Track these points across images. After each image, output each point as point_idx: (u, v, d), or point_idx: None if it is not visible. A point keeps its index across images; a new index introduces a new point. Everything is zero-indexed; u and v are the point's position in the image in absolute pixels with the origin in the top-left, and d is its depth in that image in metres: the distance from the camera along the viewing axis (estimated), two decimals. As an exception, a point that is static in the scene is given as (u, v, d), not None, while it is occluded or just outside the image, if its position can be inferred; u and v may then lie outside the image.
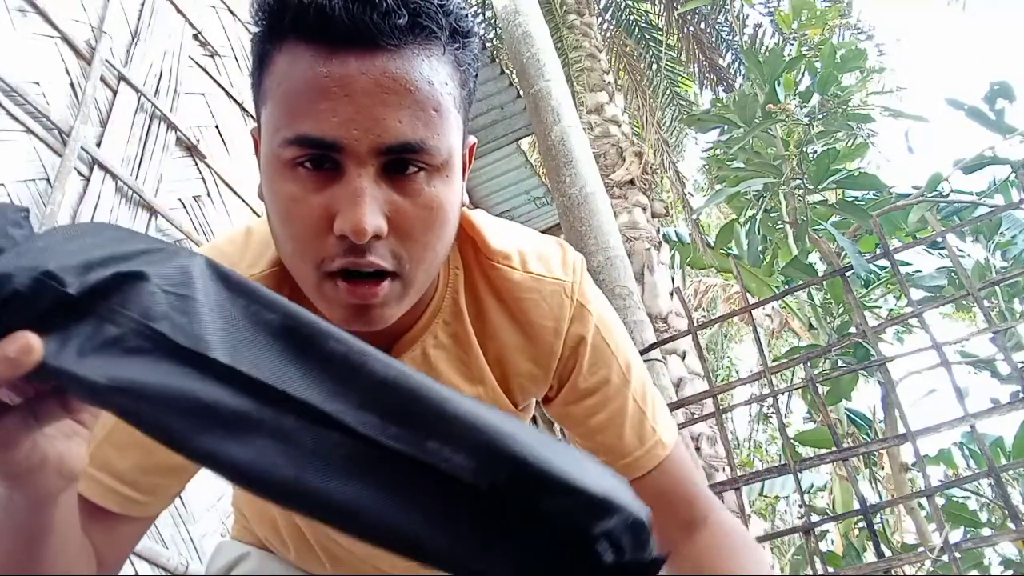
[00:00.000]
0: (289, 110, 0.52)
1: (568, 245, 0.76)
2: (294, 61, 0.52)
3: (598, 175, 3.43)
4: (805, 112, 3.86)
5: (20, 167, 1.91)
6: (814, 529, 2.07)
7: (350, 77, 0.50)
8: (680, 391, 4.27)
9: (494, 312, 0.70)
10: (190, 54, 2.70)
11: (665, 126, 7.75)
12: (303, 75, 0.51)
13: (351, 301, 0.54)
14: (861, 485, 2.96)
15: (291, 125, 0.52)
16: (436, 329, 0.69)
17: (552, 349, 0.70)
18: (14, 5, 2.02)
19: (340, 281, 0.54)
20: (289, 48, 0.53)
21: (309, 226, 0.53)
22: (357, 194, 0.51)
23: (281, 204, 0.54)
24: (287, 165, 0.53)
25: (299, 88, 0.51)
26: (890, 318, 2.55)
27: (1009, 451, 2.88)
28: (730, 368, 10.64)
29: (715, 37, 7.66)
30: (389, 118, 0.51)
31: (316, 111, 0.51)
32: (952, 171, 3.15)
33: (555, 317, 0.70)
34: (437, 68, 0.54)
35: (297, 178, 0.53)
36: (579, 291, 0.71)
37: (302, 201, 0.53)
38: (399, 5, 0.51)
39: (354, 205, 0.51)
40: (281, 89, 0.53)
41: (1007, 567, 3.23)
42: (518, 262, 0.69)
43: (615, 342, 0.74)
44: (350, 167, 0.52)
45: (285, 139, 0.52)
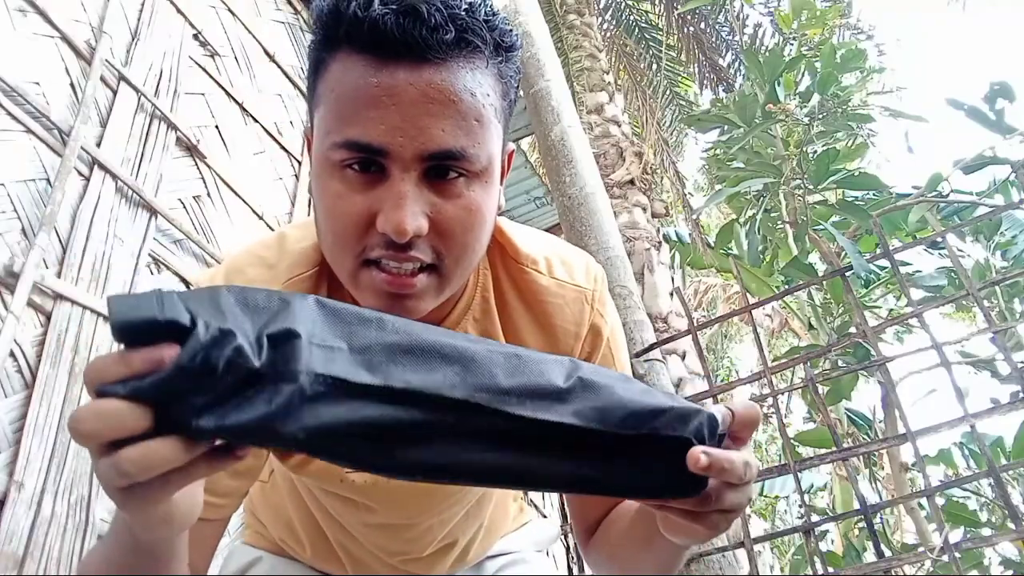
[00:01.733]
0: (340, 116, 0.56)
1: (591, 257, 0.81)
2: (346, 70, 0.56)
3: (598, 175, 3.43)
4: (805, 112, 3.86)
5: (20, 167, 1.90)
6: (814, 529, 2.07)
7: (398, 87, 0.54)
8: (680, 391, 4.26)
9: (518, 313, 0.74)
10: (190, 54, 2.70)
11: (665, 126, 7.75)
12: (354, 83, 0.55)
13: (388, 289, 0.58)
14: (861, 485, 2.96)
15: (341, 130, 0.56)
16: (466, 324, 0.73)
17: (570, 351, 0.75)
18: (14, 5, 2.02)
19: (377, 271, 0.58)
20: (342, 57, 0.56)
21: (353, 221, 0.57)
22: (400, 196, 0.55)
23: (328, 200, 0.58)
24: (336, 166, 0.57)
25: (350, 95, 0.55)
26: (890, 318, 2.55)
27: (1009, 451, 2.88)
28: (730, 368, 10.64)
29: (715, 37, 7.66)
30: (433, 127, 0.55)
31: (365, 118, 0.54)
32: (952, 171, 3.15)
33: (575, 322, 0.74)
34: (480, 80, 0.57)
35: (344, 178, 0.57)
36: (599, 300, 0.76)
37: (347, 199, 0.57)
38: (446, 21, 0.54)
39: (397, 207, 0.54)
40: (334, 95, 0.57)
41: (1007, 567, 3.22)
42: (544, 267, 0.74)
43: (619, 353, 0.79)
44: (394, 171, 0.55)
45: (335, 142, 0.56)
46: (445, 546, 0.90)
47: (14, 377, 1.74)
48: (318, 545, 0.89)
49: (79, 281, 1.95)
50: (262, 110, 3.06)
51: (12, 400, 1.72)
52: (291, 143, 3.21)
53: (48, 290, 1.85)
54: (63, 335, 1.86)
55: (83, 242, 2.00)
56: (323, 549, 0.89)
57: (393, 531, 0.84)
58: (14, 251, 1.80)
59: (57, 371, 1.82)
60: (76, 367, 1.87)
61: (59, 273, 1.90)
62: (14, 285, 1.74)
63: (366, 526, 0.83)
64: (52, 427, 1.76)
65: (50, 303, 1.86)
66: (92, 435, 0.38)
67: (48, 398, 1.77)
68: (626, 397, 0.47)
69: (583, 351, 0.75)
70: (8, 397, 1.71)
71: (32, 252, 1.81)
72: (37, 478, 1.68)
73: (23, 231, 1.86)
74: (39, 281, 1.81)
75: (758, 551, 2.12)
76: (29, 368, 1.77)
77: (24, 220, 1.87)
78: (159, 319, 0.38)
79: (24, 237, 1.85)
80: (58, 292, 1.87)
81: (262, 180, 2.96)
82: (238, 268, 0.71)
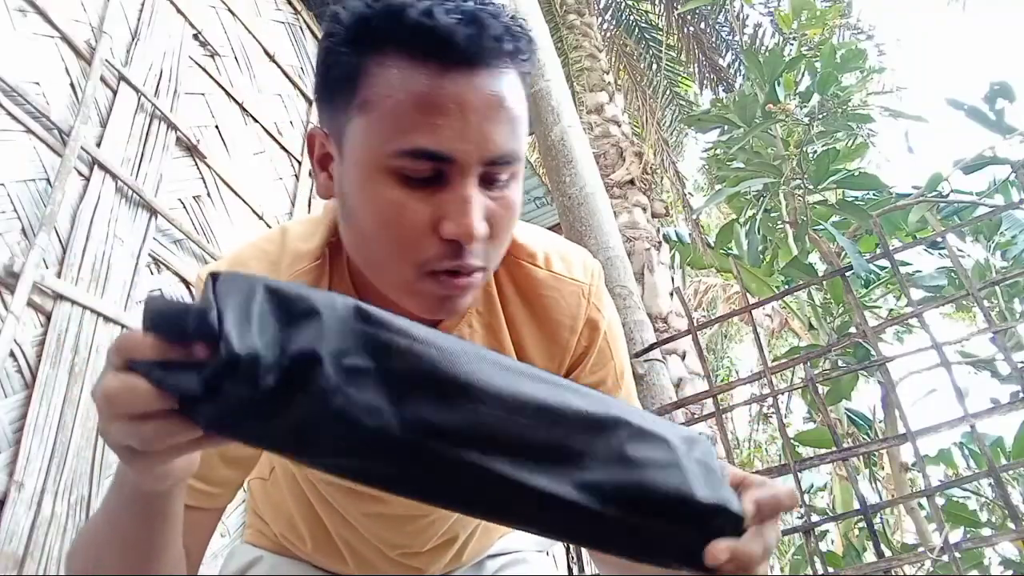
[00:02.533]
0: (402, 123, 0.55)
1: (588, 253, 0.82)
2: (406, 77, 0.55)
3: (598, 175, 3.43)
4: (805, 112, 3.86)
5: (20, 167, 1.90)
6: (814, 529, 2.07)
7: (462, 95, 0.55)
8: (680, 391, 4.26)
9: (515, 306, 0.75)
10: (190, 54, 2.70)
11: (665, 126, 7.75)
12: (419, 91, 0.55)
13: (445, 293, 0.60)
14: (861, 485, 2.96)
15: (407, 138, 0.55)
16: (471, 318, 0.74)
17: (566, 345, 0.76)
18: (14, 5, 2.02)
19: (446, 276, 0.59)
20: (394, 63, 0.56)
21: (414, 229, 0.57)
22: (466, 201, 0.56)
23: (383, 209, 0.58)
24: (392, 173, 0.57)
25: (415, 103, 0.55)
26: (890, 318, 2.55)
27: (1009, 451, 2.88)
28: (730, 368, 10.64)
29: (715, 37, 7.66)
30: (494, 133, 0.56)
31: (433, 125, 0.55)
32: (952, 171, 3.15)
33: (572, 315, 0.75)
34: (518, 84, 0.60)
35: (403, 185, 0.57)
36: (595, 295, 0.77)
37: (407, 206, 0.57)
38: (505, 30, 0.57)
39: (464, 213, 0.56)
40: (391, 101, 0.56)
41: (1007, 567, 3.22)
42: (542, 261, 0.75)
43: (617, 348, 0.80)
44: (456, 177, 0.56)
45: (400, 150, 0.55)
46: (445, 541, 0.90)
47: (14, 377, 1.74)
48: (319, 539, 0.89)
49: (79, 281, 1.95)
50: (262, 110, 3.06)
51: (12, 400, 1.72)
52: (291, 143, 3.21)
53: (48, 290, 1.85)
54: (63, 335, 1.86)
55: (83, 242, 2.00)
56: (324, 543, 0.89)
57: (396, 523, 0.84)
58: (14, 251, 1.80)
59: (57, 371, 1.82)
60: (76, 367, 1.87)
61: (59, 273, 1.90)
62: (14, 285, 1.74)
63: (368, 518, 0.84)
64: (52, 427, 1.76)
65: (50, 303, 1.86)
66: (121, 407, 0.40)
67: (48, 398, 1.77)
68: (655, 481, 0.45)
69: (579, 345, 0.76)
70: (8, 397, 1.71)
71: (32, 252, 1.81)
72: (37, 478, 1.68)
73: (23, 231, 1.86)
74: (39, 281, 1.81)
75: (758, 551, 2.12)
76: (29, 368, 1.77)
77: (24, 220, 1.87)
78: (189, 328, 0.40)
79: (24, 237, 1.85)
80: (58, 292, 1.87)
81: (262, 180, 2.96)
82: (241, 262, 0.71)
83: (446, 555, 0.93)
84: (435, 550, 0.90)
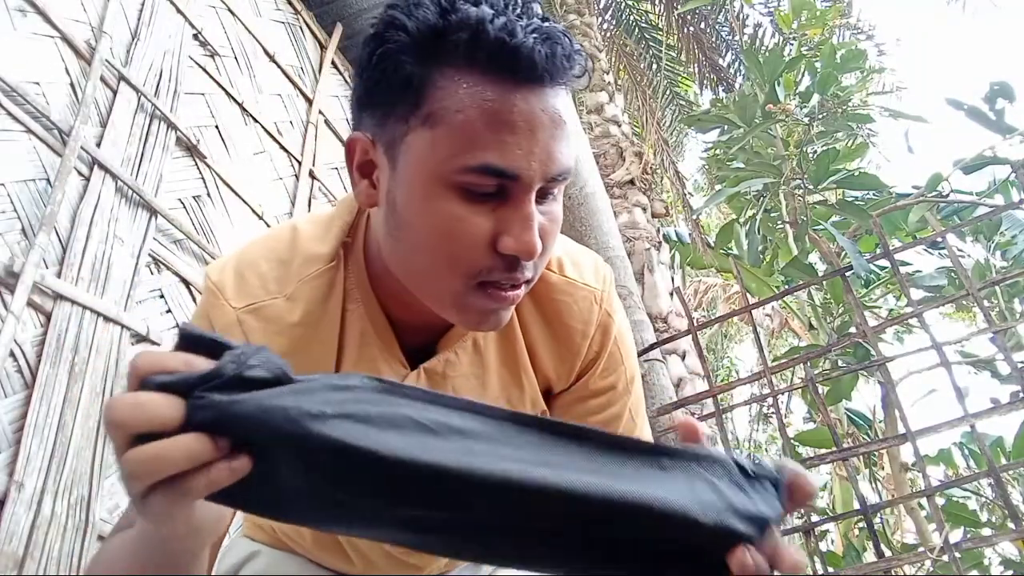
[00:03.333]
0: (472, 138, 0.55)
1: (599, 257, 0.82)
2: (478, 92, 0.55)
3: (598, 175, 3.43)
4: (805, 112, 3.86)
5: (20, 167, 1.90)
6: (814, 529, 2.07)
7: (532, 113, 0.55)
8: (680, 391, 4.26)
9: (528, 310, 0.75)
10: (190, 54, 2.69)
11: (665, 126, 7.74)
12: (491, 108, 0.55)
13: (493, 307, 0.60)
14: (861, 485, 2.96)
15: (475, 154, 0.55)
16: None
17: (578, 350, 0.76)
18: (14, 5, 2.02)
19: (494, 289, 0.59)
20: (466, 76, 0.55)
21: (473, 243, 0.57)
22: (528, 218, 0.56)
23: (443, 222, 0.57)
24: (457, 187, 0.56)
25: (484, 119, 0.55)
26: (890, 318, 2.55)
27: (1009, 451, 2.88)
28: (730, 368, 10.64)
29: (715, 37, 7.66)
30: (557, 151, 0.57)
31: (502, 143, 0.55)
32: (952, 171, 3.15)
33: (584, 321, 0.75)
34: (569, 100, 0.61)
35: (466, 199, 0.57)
36: (607, 300, 0.77)
37: (468, 220, 0.57)
38: (576, 50, 0.57)
39: (526, 229, 0.56)
40: (461, 116, 0.55)
41: (1007, 567, 3.22)
42: (555, 266, 0.75)
43: (627, 353, 0.80)
44: (518, 193, 0.56)
45: (468, 166, 0.55)
46: None
47: (14, 377, 1.74)
48: (318, 534, 0.89)
49: (79, 281, 1.95)
50: (262, 110, 3.06)
51: (12, 400, 1.72)
52: (291, 143, 3.21)
53: (48, 290, 1.85)
54: (63, 335, 1.86)
55: (83, 242, 2.00)
56: (323, 537, 0.89)
57: None
58: (14, 251, 1.80)
59: (57, 371, 1.82)
60: (76, 367, 1.87)
61: (59, 273, 1.90)
62: (14, 285, 1.74)
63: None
64: (52, 427, 1.76)
65: (50, 303, 1.86)
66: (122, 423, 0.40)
67: (48, 398, 1.77)
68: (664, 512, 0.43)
69: (591, 350, 0.76)
70: (8, 397, 1.71)
71: (32, 252, 1.81)
72: (37, 478, 1.68)
73: (23, 231, 1.86)
74: (39, 281, 1.81)
75: (758, 551, 2.12)
76: (29, 368, 1.77)
77: (24, 220, 1.87)
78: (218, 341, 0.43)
79: (24, 237, 1.85)
80: (58, 292, 1.87)
81: (262, 180, 2.96)
82: (251, 261, 0.70)
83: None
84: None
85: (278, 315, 0.67)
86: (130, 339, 2.07)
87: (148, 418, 0.40)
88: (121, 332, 2.04)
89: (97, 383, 1.91)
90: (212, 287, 0.69)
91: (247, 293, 0.68)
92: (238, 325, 0.67)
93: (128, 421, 0.40)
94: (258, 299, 0.68)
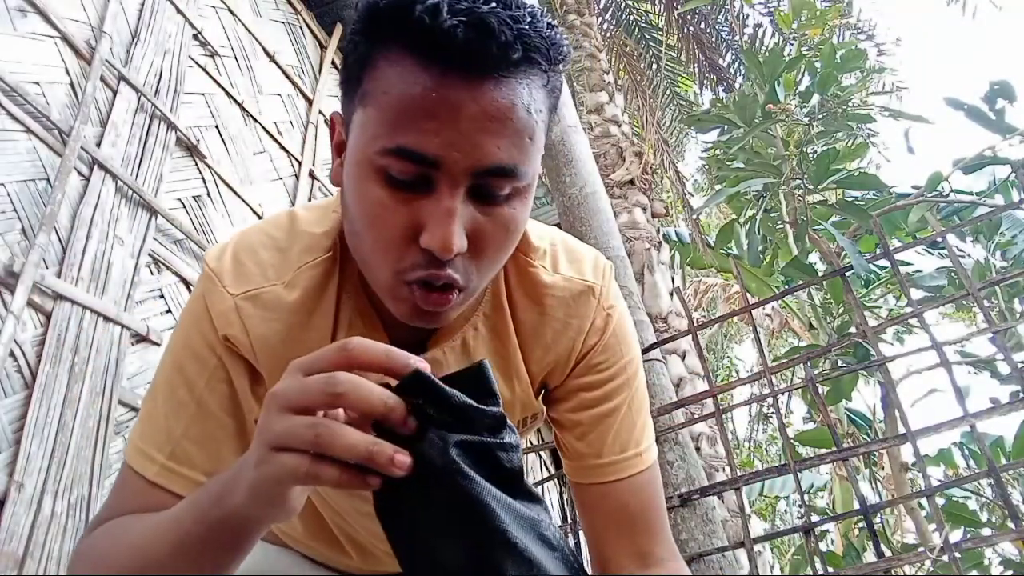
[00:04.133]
0: (393, 120, 0.53)
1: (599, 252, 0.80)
2: (403, 74, 0.53)
3: (598, 175, 3.43)
4: (805, 112, 3.86)
5: (20, 167, 1.90)
6: (814, 529, 2.07)
7: (459, 101, 0.52)
8: (680, 391, 4.26)
9: (523, 307, 0.73)
10: (190, 54, 2.70)
11: (665, 126, 7.75)
12: (411, 90, 0.52)
13: (422, 307, 0.58)
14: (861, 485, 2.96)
15: (393, 135, 0.53)
16: (477, 321, 0.72)
17: (573, 346, 0.74)
18: (14, 5, 2.02)
19: (417, 288, 0.57)
20: (397, 58, 0.54)
21: (394, 234, 0.55)
22: (449, 213, 0.53)
23: (368, 207, 0.56)
24: (380, 171, 0.55)
25: (406, 102, 0.53)
26: (890, 318, 2.55)
27: (1009, 451, 2.88)
28: (730, 368, 10.65)
29: (715, 37, 7.66)
30: (489, 144, 0.53)
31: (420, 128, 0.52)
32: (952, 171, 3.15)
33: (581, 316, 0.73)
34: (535, 95, 0.56)
35: (389, 186, 0.55)
36: (605, 294, 0.75)
37: (391, 209, 0.55)
38: (515, 38, 0.52)
39: (444, 224, 0.53)
40: (386, 98, 0.54)
41: (1007, 567, 3.22)
42: (550, 263, 0.73)
43: (628, 347, 0.78)
44: (443, 185, 0.54)
45: (385, 148, 0.53)
46: None
47: (14, 377, 1.74)
48: (311, 524, 0.89)
49: (79, 281, 1.95)
50: (262, 110, 3.06)
51: (12, 400, 1.72)
52: (291, 143, 3.21)
53: (48, 290, 1.85)
54: (63, 335, 1.86)
55: (83, 242, 2.00)
56: (316, 527, 0.89)
57: None
58: (14, 251, 1.80)
59: (57, 371, 1.82)
60: (76, 367, 1.87)
61: (59, 273, 1.90)
62: (14, 285, 1.74)
63: (361, 514, 0.83)
64: (52, 427, 1.76)
65: (50, 303, 1.86)
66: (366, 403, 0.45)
67: (48, 398, 1.77)
68: None
69: (587, 344, 0.75)
70: (8, 397, 1.71)
71: (32, 252, 1.81)
72: (37, 478, 1.68)
73: (23, 231, 1.86)
74: (39, 281, 1.81)
75: (758, 551, 2.12)
76: (29, 368, 1.77)
77: (24, 220, 1.87)
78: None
79: (24, 237, 1.85)
80: (58, 292, 1.87)
81: (262, 180, 2.96)
82: (250, 247, 0.70)
83: None
84: None
85: (275, 302, 0.67)
86: (130, 339, 2.07)
87: (394, 416, 0.45)
88: (121, 332, 2.04)
89: (97, 383, 1.91)
90: (210, 273, 0.69)
91: (245, 280, 0.68)
92: (235, 311, 0.66)
93: (376, 406, 0.44)
94: (256, 286, 0.67)
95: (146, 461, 0.65)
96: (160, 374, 0.69)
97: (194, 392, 0.66)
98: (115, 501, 0.67)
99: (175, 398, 0.67)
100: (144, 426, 0.68)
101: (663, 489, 0.80)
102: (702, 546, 2.26)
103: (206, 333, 0.67)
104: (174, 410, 0.66)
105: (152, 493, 0.64)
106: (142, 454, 0.66)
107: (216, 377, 0.67)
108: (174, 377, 0.67)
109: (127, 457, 0.67)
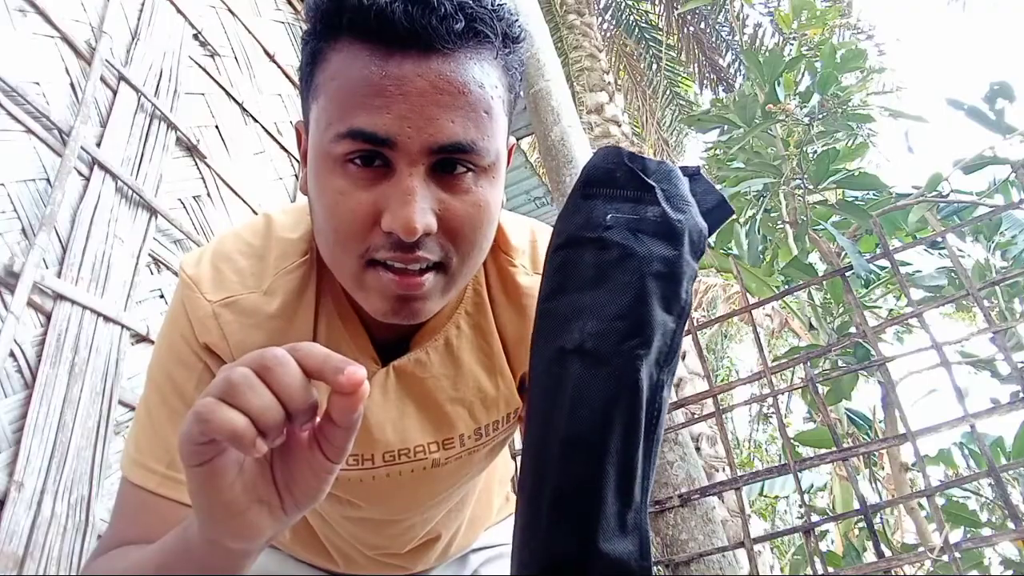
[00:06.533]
0: (343, 105, 0.53)
1: None
2: (350, 59, 0.53)
3: (598, 175, 3.42)
4: (805, 112, 3.86)
5: (20, 167, 1.90)
6: (814, 529, 2.07)
7: (406, 77, 0.52)
8: (680, 391, 4.26)
9: (502, 306, 0.72)
10: (190, 54, 2.70)
11: (665, 126, 7.75)
12: (359, 73, 0.52)
13: (396, 292, 0.56)
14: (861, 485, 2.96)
15: (344, 119, 0.53)
16: (459, 319, 0.71)
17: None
18: (14, 5, 2.02)
19: (384, 271, 0.55)
20: (344, 47, 0.54)
21: (356, 220, 0.54)
22: (408, 192, 0.52)
23: (328, 198, 0.55)
24: (337, 160, 0.54)
25: (354, 85, 0.52)
26: (890, 318, 2.55)
27: (1009, 451, 2.88)
28: (730, 368, 10.64)
29: (715, 37, 7.66)
30: (442, 118, 0.52)
31: (371, 107, 0.52)
32: (952, 171, 3.15)
33: None
34: (488, 71, 0.55)
35: (347, 173, 0.54)
36: None
37: (350, 196, 0.54)
38: (456, 10, 0.52)
39: (405, 204, 0.52)
40: (335, 84, 0.54)
41: (1007, 567, 3.22)
42: (529, 262, 0.72)
43: None
44: (401, 165, 0.53)
45: (338, 133, 0.53)
46: (428, 541, 0.89)
47: (14, 377, 1.74)
48: (299, 532, 0.88)
49: (79, 281, 1.95)
50: (262, 110, 3.06)
51: (12, 400, 1.72)
52: (291, 143, 3.21)
53: (48, 290, 1.85)
54: (63, 335, 1.86)
55: (83, 242, 2.00)
56: (304, 535, 0.88)
57: (375, 526, 0.83)
58: (14, 251, 1.80)
59: (57, 371, 1.82)
60: (76, 367, 1.87)
61: (59, 273, 1.90)
62: (14, 285, 1.74)
63: (347, 519, 0.83)
64: (52, 427, 1.76)
65: (50, 303, 1.86)
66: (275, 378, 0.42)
67: (48, 398, 1.77)
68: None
69: None
70: (8, 397, 1.71)
71: (32, 252, 1.81)
72: (37, 478, 1.68)
73: (23, 231, 1.86)
74: (39, 281, 1.81)
75: (758, 551, 2.12)
76: (29, 368, 1.77)
77: (24, 220, 1.87)
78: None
79: (24, 237, 1.85)
80: (58, 292, 1.87)
81: (262, 180, 2.96)
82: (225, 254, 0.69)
83: (430, 554, 0.92)
84: (417, 550, 0.89)
85: (254, 308, 0.66)
86: (130, 339, 2.07)
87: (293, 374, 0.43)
88: (121, 332, 2.04)
89: (97, 383, 1.91)
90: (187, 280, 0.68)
91: (223, 287, 0.67)
92: (214, 318, 0.65)
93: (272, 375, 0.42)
94: (235, 293, 0.66)
95: (146, 473, 0.64)
96: (149, 384, 0.68)
97: (185, 398, 0.66)
98: (119, 522, 0.65)
99: (167, 406, 0.66)
100: (139, 438, 0.67)
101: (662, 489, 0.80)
102: (702, 546, 2.26)
103: (189, 339, 0.66)
104: (168, 418, 0.65)
105: (156, 505, 0.63)
106: (141, 467, 0.65)
107: (205, 381, 0.66)
108: (164, 385, 0.67)
109: (125, 472, 0.66)
